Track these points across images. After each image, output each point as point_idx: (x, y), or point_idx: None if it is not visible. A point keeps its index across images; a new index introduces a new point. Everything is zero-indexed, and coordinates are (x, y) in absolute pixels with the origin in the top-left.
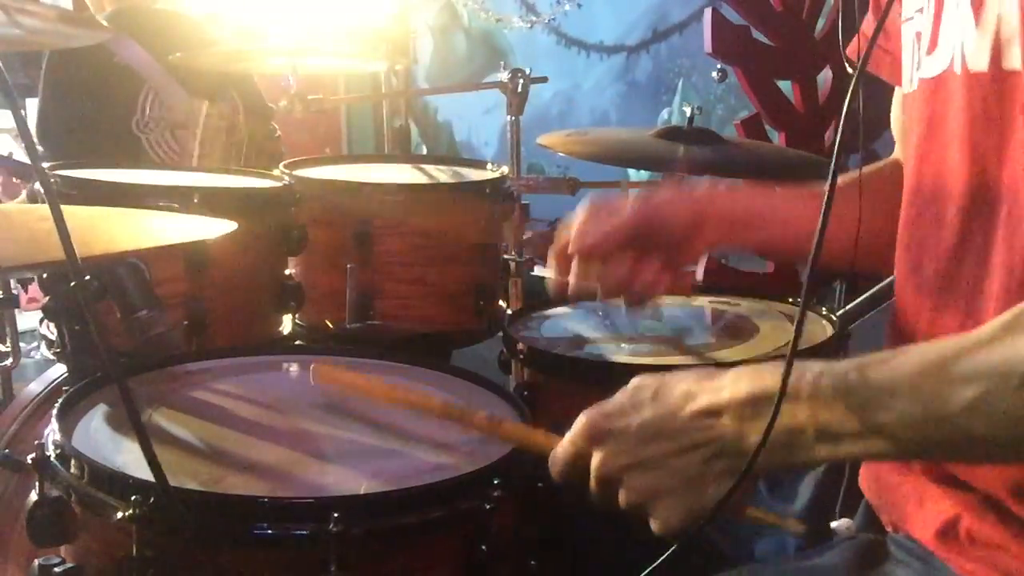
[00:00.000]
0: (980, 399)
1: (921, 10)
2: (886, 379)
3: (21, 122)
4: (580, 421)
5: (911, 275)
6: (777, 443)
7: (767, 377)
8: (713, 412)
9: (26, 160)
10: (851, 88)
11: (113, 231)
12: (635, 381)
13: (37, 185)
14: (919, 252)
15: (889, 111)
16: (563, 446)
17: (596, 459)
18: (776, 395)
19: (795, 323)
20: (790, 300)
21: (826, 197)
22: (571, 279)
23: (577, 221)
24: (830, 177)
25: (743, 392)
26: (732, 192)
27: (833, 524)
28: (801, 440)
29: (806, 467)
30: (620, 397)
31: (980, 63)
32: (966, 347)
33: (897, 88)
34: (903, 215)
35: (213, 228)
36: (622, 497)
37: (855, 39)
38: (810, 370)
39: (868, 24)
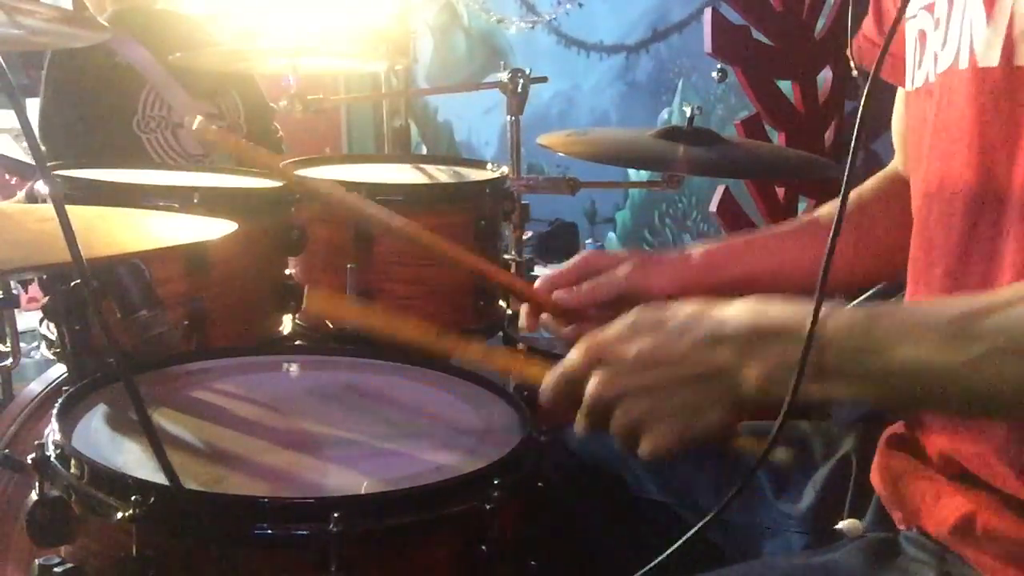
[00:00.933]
0: (986, 357)
1: (931, 7)
2: (893, 326)
3: (25, 122)
4: (579, 345)
5: (922, 275)
6: (773, 377)
7: (771, 311)
8: (714, 341)
9: (21, 159)
10: (862, 98)
11: (113, 231)
12: (637, 309)
13: (38, 185)
14: (929, 251)
15: (888, 111)
16: (561, 366)
17: (593, 381)
18: (777, 330)
19: (823, 262)
20: None
21: (836, 216)
22: (542, 328)
23: (563, 271)
24: (840, 196)
25: (745, 324)
26: (727, 253)
27: (840, 525)
28: (787, 377)
29: (802, 403)
30: (621, 323)
31: (991, 59)
32: (978, 306)
33: (900, 89)
34: (915, 216)
35: (213, 228)
36: (615, 420)
37: (858, 39)
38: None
39: (868, 25)
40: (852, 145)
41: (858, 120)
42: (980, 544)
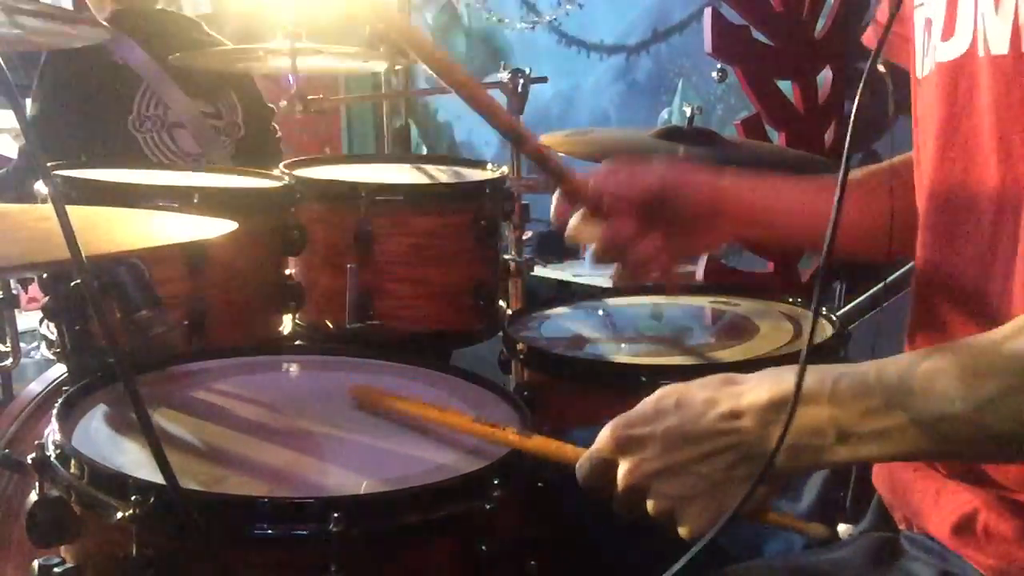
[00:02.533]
0: (998, 396)
1: None
2: (903, 378)
3: (25, 122)
4: (605, 431)
5: (935, 267)
6: (799, 445)
7: (788, 380)
8: (735, 415)
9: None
10: (866, 70)
11: (113, 231)
12: (659, 391)
13: (37, 185)
14: (945, 242)
15: (888, 111)
16: (589, 455)
17: (623, 467)
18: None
19: (810, 324)
20: (790, 300)
21: (837, 196)
22: (569, 228)
23: (597, 173)
24: (841, 172)
25: (764, 396)
26: (754, 186)
27: (839, 528)
28: (822, 442)
29: (827, 468)
30: (643, 406)
31: (1001, 46)
32: (984, 344)
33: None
34: (925, 204)
35: (213, 228)
36: (650, 505)
37: (871, 28)
38: (830, 372)
39: (883, 12)
40: (850, 125)
41: (855, 105)
42: (980, 544)
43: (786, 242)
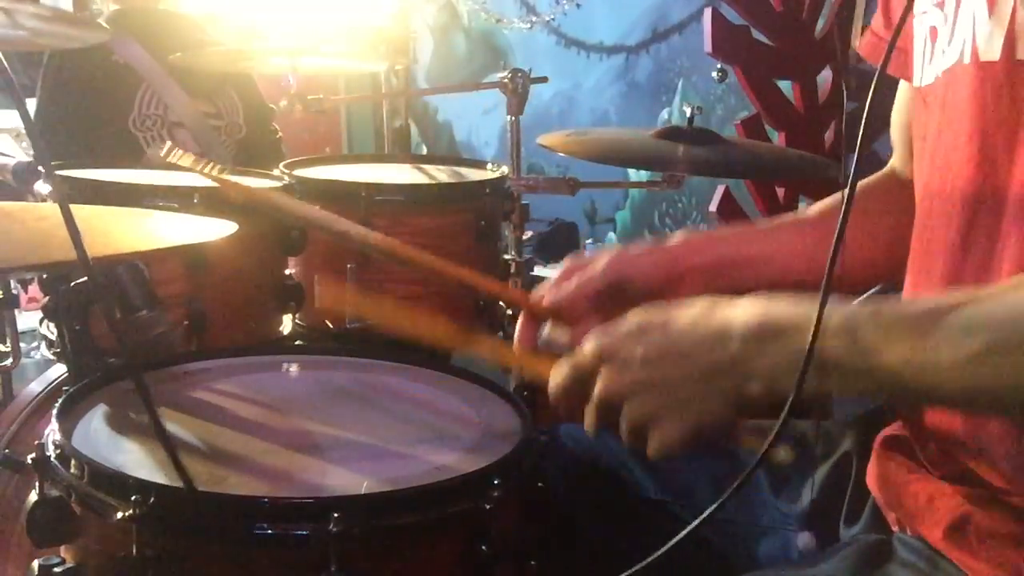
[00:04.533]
0: (987, 349)
1: (941, 3)
2: (895, 321)
3: (28, 122)
4: (588, 339)
5: (921, 273)
6: (779, 369)
7: (778, 307)
8: (721, 337)
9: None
10: (871, 91)
11: (113, 231)
12: (645, 308)
13: (37, 185)
14: (928, 249)
15: (888, 110)
16: (568, 362)
17: (603, 376)
18: (784, 325)
19: (830, 255)
20: None
21: (843, 211)
22: (541, 344)
23: (549, 284)
24: (847, 191)
25: (754, 320)
26: (710, 240)
27: (799, 538)
28: (794, 373)
29: (805, 399)
30: (630, 321)
31: (992, 52)
32: (978, 297)
33: (901, 86)
34: (917, 214)
35: (213, 228)
36: (623, 418)
37: (865, 35)
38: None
39: (876, 21)
40: (852, 165)
41: (866, 112)
42: (973, 547)
43: (757, 287)
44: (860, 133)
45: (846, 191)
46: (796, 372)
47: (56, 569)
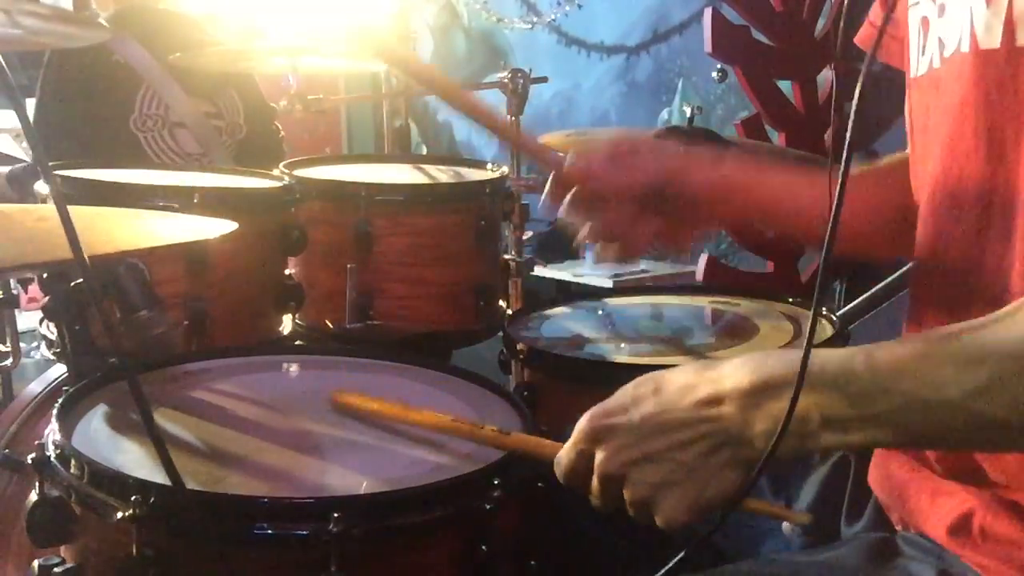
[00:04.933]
0: (990, 381)
1: None
2: (891, 364)
3: (26, 122)
4: (582, 421)
5: (931, 270)
6: (773, 435)
7: (769, 365)
8: (715, 401)
9: (21, 159)
10: (862, 73)
11: (113, 231)
12: (636, 379)
13: (37, 186)
14: (936, 244)
15: (888, 110)
16: (566, 448)
17: (600, 456)
18: (777, 383)
19: (811, 313)
20: (790, 300)
21: (839, 188)
22: (563, 211)
23: (598, 157)
24: (843, 166)
25: (746, 380)
26: (757, 172)
27: (783, 527)
28: (807, 429)
29: (813, 456)
30: (621, 395)
31: (992, 40)
32: (975, 329)
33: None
34: (922, 206)
35: (213, 228)
36: (627, 494)
37: (864, 28)
38: (816, 358)
39: (876, 13)
40: (850, 121)
41: (854, 103)
42: (977, 545)
43: (787, 233)
44: (849, 127)
45: (836, 191)
46: (798, 427)
47: (56, 569)
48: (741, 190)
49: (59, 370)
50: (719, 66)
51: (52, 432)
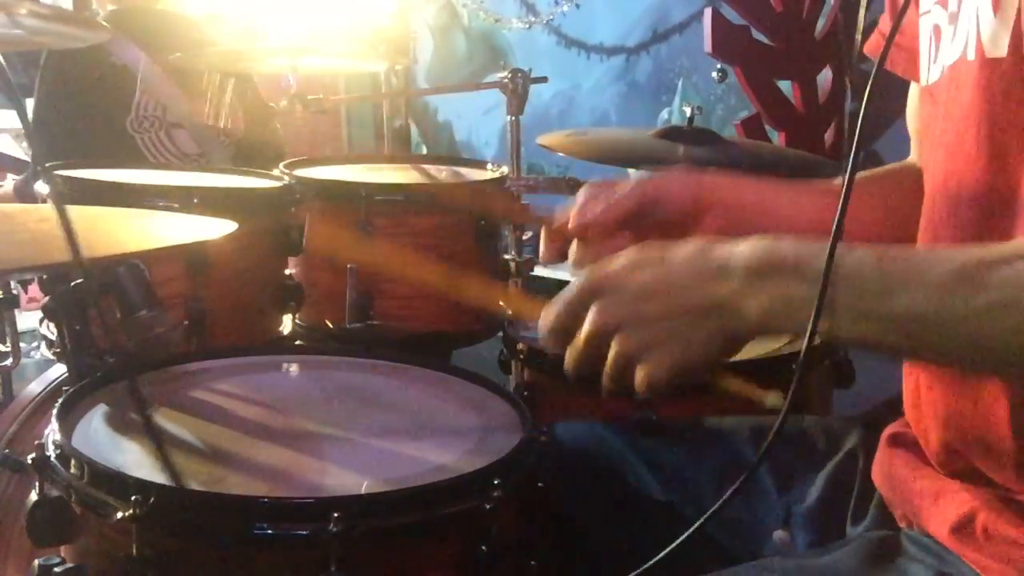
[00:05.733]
0: (999, 305)
1: (944, 1)
2: (904, 269)
3: (26, 122)
4: (582, 275)
5: None
6: (775, 310)
7: (780, 247)
8: (718, 273)
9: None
10: (869, 84)
11: (113, 231)
12: (642, 244)
13: (37, 186)
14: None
15: (888, 111)
16: (561, 297)
17: (594, 310)
18: (785, 265)
19: (838, 207)
20: None
21: (843, 195)
22: (570, 263)
23: (576, 203)
24: (847, 175)
25: (756, 255)
26: (737, 182)
27: (775, 535)
28: (800, 312)
29: (796, 334)
30: (626, 256)
31: (999, 49)
32: (987, 256)
33: (913, 84)
34: (923, 215)
35: (213, 228)
36: (612, 348)
37: (873, 37)
38: (826, 248)
39: (884, 21)
40: (856, 133)
41: (861, 111)
42: (980, 545)
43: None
44: (857, 132)
45: (843, 192)
46: (792, 313)
47: (56, 569)
48: (723, 197)
49: (59, 370)
50: (719, 66)
51: (52, 432)
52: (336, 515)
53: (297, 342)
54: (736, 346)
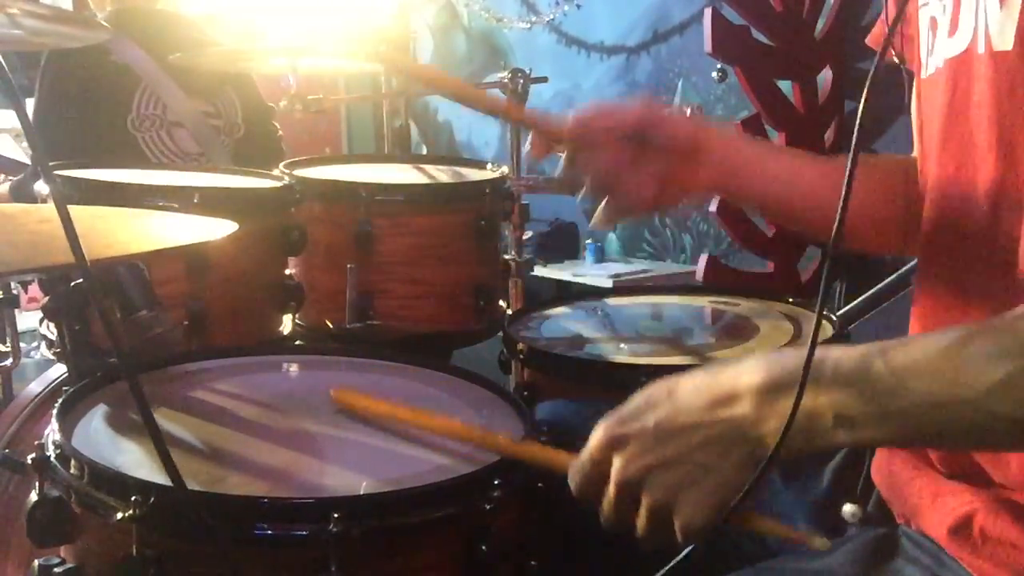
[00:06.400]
0: (1007, 379)
1: None
2: (907, 361)
3: (27, 122)
4: (597, 430)
5: (936, 267)
6: (796, 428)
7: (784, 362)
8: (730, 400)
9: (21, 159)
10: (871, 70)
11: (113, 231)
12: (650, 386)
13: (37, 186)
14: (943, 241)
15: (890, 110)
16: (582, 459)
17: (617, 463)
18: (793, 380)
19: (817, 302)
20: (790, 300)
21: (848, 174)
22: (560, 166)
23: (577, 113)
24: (851, 152)
25: (760, 378)
26: (737, 138)
27: (844, 508)
28: (819, 425)
29: (824, 452)
30: (635, 401)
31: (1005, 42)
32: (992, 327)
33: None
34: (926, 207)
35: (213, 228)
36: (645, 500)
37: (876, 26)
38: (830, 354)
39: (891, 13)
40: (858, 114)
41: (861, 106)
42: (977, 547)
43: (769, 208)
44: (857, 126)
45: (843, 191)
46: (813, 426)
47: (56, 569)
48: (720, 145)
49: (59, 370)
50: (719, 66)
51: (52, 432)
52: (336, 515)
53: (297, 342)
54: (769, 472)
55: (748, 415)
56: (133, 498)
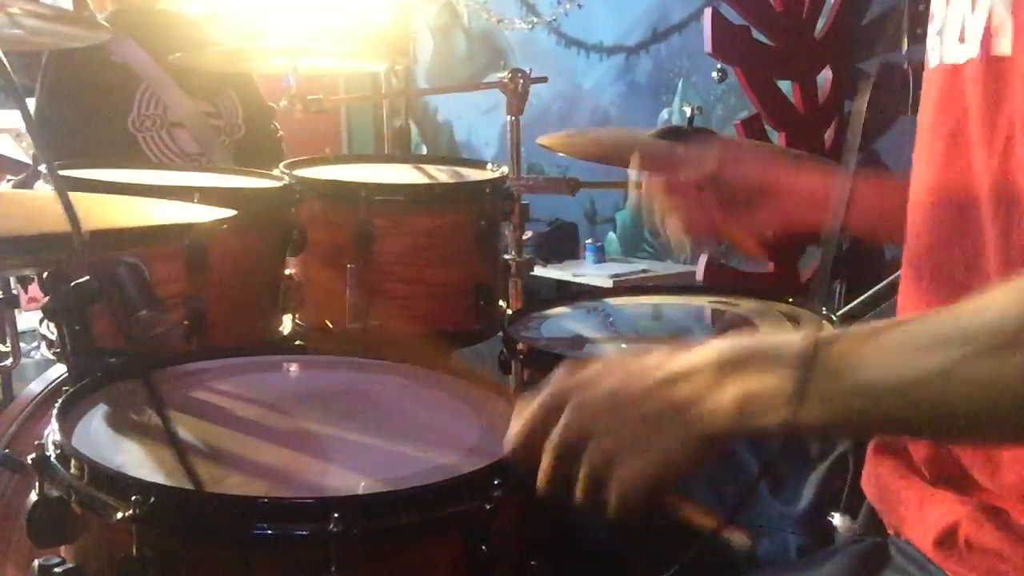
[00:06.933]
0: (955, 364)
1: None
2: (857, 347)
3: (28, 120)
4: (543, 392)
5: (923, 264)
6: (751, 401)
7: (737, 344)
8: (679, 377)
9: (21, 159)
10: (871, 83)
11: (112, 218)
12: (606, 359)
13: (37, 186)
14: (931, 238)
15: (890, 109)
16: (524, 414)
17: (560, 424)
18: (743, 360)
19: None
20: (789, 300)
21: (846, 186)
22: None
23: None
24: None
25: (711, 357)
26: (798, 173)
27: (835, 519)
28: (760, 405)
29: (768, 434)
30: (590, 370)
31: (971, 50)
32: (940, 315)
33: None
34: (918, 197)
35: (213, 214)
36: (583, 466)
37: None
38: (781, 338)
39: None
40: (858, 135)
41: (863, 105)
42: (962, 557)
43: (811, 228)
44: (859, 128)
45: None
46: (769, 402)
47: (56, 569)
48: (787, 186)
49: (59, 370)
50: (719, 66)
51: (52, 432)
52: (336, 515)
53: (297, 342)
54: (711, 452)
55: (696, 391)
56: (133, 498)
